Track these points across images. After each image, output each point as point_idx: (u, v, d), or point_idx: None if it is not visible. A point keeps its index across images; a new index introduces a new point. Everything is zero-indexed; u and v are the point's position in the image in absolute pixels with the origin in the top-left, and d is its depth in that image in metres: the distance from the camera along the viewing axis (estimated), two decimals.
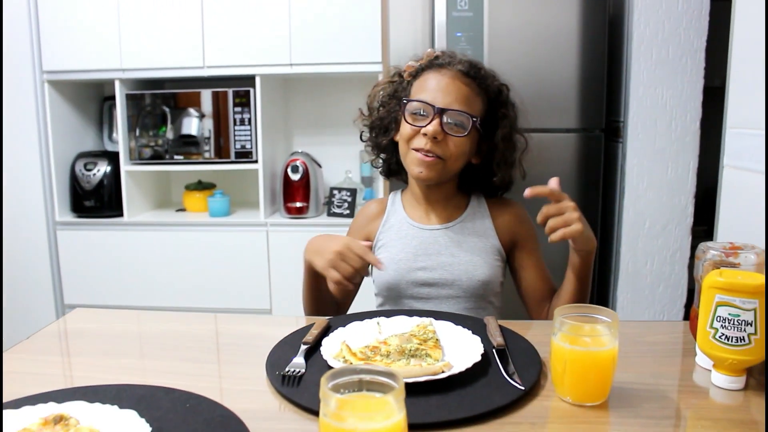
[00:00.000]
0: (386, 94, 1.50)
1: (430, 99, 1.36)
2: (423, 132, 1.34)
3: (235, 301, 3.00)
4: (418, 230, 1.47)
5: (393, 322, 1.13)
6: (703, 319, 0.91)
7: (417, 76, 1.45)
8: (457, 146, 1.36)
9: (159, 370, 1.05)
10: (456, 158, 1.38)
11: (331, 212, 3.02)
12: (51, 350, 1.16)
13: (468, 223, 1.47)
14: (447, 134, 1.34)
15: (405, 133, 1.39)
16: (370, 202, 1.59)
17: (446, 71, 1.39)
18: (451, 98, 1.35)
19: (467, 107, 1.36)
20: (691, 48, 2.45)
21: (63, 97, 3.07)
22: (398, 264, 1.43)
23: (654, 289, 2.63)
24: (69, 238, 3.07)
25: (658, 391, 0.93)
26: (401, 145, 1.42)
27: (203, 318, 1.34)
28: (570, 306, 0.90)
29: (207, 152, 3.00)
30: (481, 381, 0.92)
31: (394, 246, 1.47)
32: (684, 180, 2.54)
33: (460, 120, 1.36)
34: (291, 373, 0.94)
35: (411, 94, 1.43)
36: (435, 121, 1.33)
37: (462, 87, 1.37)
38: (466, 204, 1.51)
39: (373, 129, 1.53)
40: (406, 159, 1.41)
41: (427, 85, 1.39)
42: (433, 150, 1.35)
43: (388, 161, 1.55)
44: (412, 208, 1.51)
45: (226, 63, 2.89)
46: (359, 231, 1.55)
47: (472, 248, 1.43)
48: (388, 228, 1.50)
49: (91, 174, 3.07)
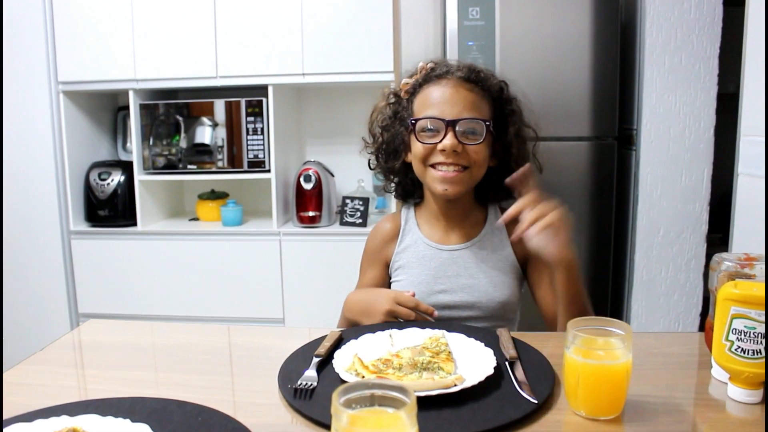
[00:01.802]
0: (386, 117, 1.46)
1: (438, 113, 1.33)
2: (440, 148, 1.31)
3: (247, 311, 3.00)
4: (436, 251, 1.44)
5: (405, 334, 1.13)
6: (718, 331, 0.90)
7: (415, 92, 1.41)
8: (477, 153, 1.33)
9: (172, 382, 1.05)
10: (480, 165, 1.35)
11: (344, 221, 3.02)
12: (64, 362, 1.16)
13: (486, 241, 1.44)
14: (464, 144, 1.31)
15: (419, 153, 1.35)
16: (382, 221, 1.54)
17: (447, 81, 1.36)
18: (459, 108, 1.32)
19: (477, 113, 1.34)
20: (705, 55, 2.44)
21: (77, 107, 3.10)
22: (418, 287, 1.39)
23: (669, 297, 2.61)
24: (83, 248, 3.08)
25: (673, 404, 0.92)
26: (416, 164, 1.39)
27: (216, 330, 1.33)
28: (583, 319, 0.90)
29: (220, 161, 3.01)
30: (493, 394, 0.91)
31: (412, 268, 1.43)
32: (698, 187, 2.52)
33: (474, 127, 1.33)
34: (303, 386, 0.94)
35: (414, 111, 1.39)
36: (449, 135, 1.30)
37: (467, 94, 1.34)
38: (484, 219, 1.47)
39: (380, 155, 1.49)
40: (426, 178, 1.38)
41: (431, 99, 1.36)
42: (457, 161, 1.32)
43: (402, 184, 1.52)
44: (430, 227, 1.48)
45: (239, 73, 2.90)
46: (376, 256, 1.51)
47: (491, 268, 1.41)
48: (404, 249, 1.47)
49: (105, 183, 3.08)
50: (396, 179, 1.52)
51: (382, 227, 1.52)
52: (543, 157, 1.48)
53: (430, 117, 1.33)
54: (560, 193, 2.47)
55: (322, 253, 2.94)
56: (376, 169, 1.53)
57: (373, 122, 1.50)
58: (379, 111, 1.49)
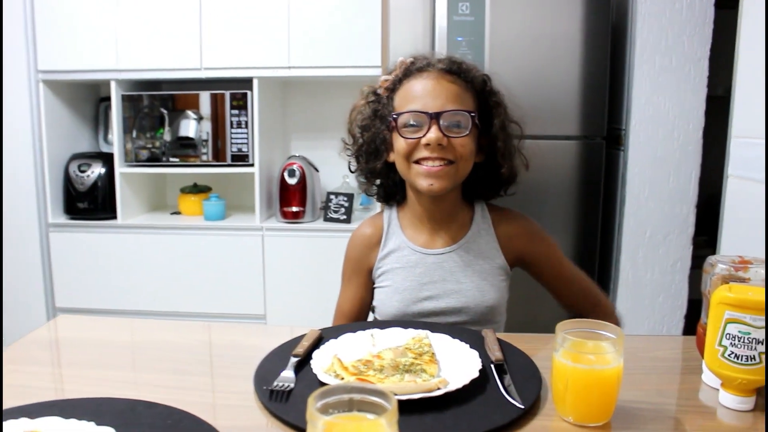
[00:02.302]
0: (366, 116, 1.39)
1: (420, 106, 1.27)
2: (425, 142, 1.25)
3: (229, 306, 2.96)
4: (422, 256, 1.37)
5: (387, 334, 1.09)
6: (711, 336, 0.87)
7: (395, 89, 1.35)
8: (463, 146, 1.27)
9: (145, 382, 1.00)
10: (466, 159, 1.29)
11: (328, 217, 2.98)
12: (32, 359, 1.11)
13: (473, 243, 1.38)
14: (449, 137, 1.26)
15: (402, 149, 1.29)
16: (362, 226, 1.47)
17: (428, 74, 1.30)
18: (442, 100, 1.26)
19: (461, 104, 1.28)
20: (695, 56, 2.42)
21: (58, 97, 3.04)
22: (403, 294, 1.35)
23: (654, 299, 2.59)
24: (61, 240, 3.03)
25: (663, 410, 0.89)
26: (400, 162, 1.32)
27: (197, 327, 1.29)
28: (572, 321, 0.86)
29: (205, 155, 2.96)
30: (478, 398, 0.88)
31: (397, 274, 1.37)
32: (686, 189, 2.50)
33: (458, 120, 1.27)
34: (279, 388, 0.90)
35: (396, 107, 1.33)
36: (434, 128, 1.24)
37: (449, 86, 1.28)
38: (470, 220, 1.41)
39: (361, 156, 1.42)
40: (410, 175, 1.31)
41: (413, 93, 1.30)
42: (443, 155, 1.26)
43: (383, 185, 1.45)
44: (414, 230, 1.41)
45: (224, 65, 2.85)
46: (358, 263, 1.44)
47: (478, 271, 1.36)
48: (387, 254, 1.40)
49: (85, 175, 3.03)
50: (378, 181, 1.45)
51: (364, 232, 1.45)
52: (529, 153, 1.44)
53: (413, 111, 1.27)
54: (547, 192, 2.49)
55: (305, 249, 2.90)
56: (356, 171, 1.46)
57: (353, 122, 1.43)
58: (358, 110, 1.42)
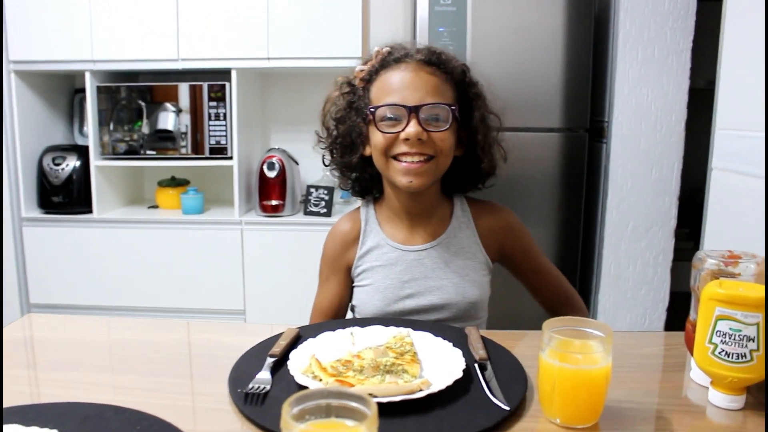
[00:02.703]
0: (341, 108, 1.34)
1: (399, 99, 1.21)
2: (404, 137, 1.20)
3: (208, 302, 2.91)
4: (402, 253, 1.33)
5: (367, 332, 1.05)
6: (701, 333, 0.85)
7: (372, 79, 1.29)
8: (443, 141, 1.23)
9: (118, 384, 0.96)
10: (446, 154, 1.25)
11: (308, 211, 2.94)
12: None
13: (453, 238, 1.34)
14: (428, 132, 1.21)
15: (380, 144, 1.24)
16: (340, 222, 1.42)
17: (406, 65, 1.25)
18: (421, 92, 1.21)
19: (441, 97, 1.23)
20: (677, 48, 2.41)
21: (31, 88, 2.96)
22: (384, 293, 1.31)
23: (636, 292, 2.59)
24: (35, 235, 2.96)
25: (652, 410, 0.86)
26: (377, 157, 1.27)
27: (174, 326, 1.24)
28: (559, 319, 0.83)
29: (184, 148, 2.90)
30: (462, 400, 0.84)
31: (377, 273, 1.33)
32: (668, 181, 2.49)
33: (438, 113, 1.22)
34: (254, 390, 0.86)
35: (372, 100, 1.28)
36: (413, 122, 1.20)
37: (429, 77, 1.23)
38: (449, 214, 1.37)
39: (336, 149, 1.37)
40: (389, 171, 1.26)
41: (390, 85, 1.24)
42: (422, 150, 1.22)
43: (360, 180, 1.40)
44: (393, 226, 1.37)
45: (202, 56, 2.79)
46: (336, 261, 1.39)
47: (460, 267, 1.32)
48: (366, 251, 1.36)
49: (59, 169, 2.96)
50: (353, 175, 1.40)
51: (341, 229, 1.41)
52: (510, 146, 1.40)
53: (391, 104, 1.22)
54: (530, 185, 2.47)
55: (285, 244, 2.85)
56: (331, 165, 1.42)
57: (327, 114, 1.37)
58: (332, 102, 1.36)
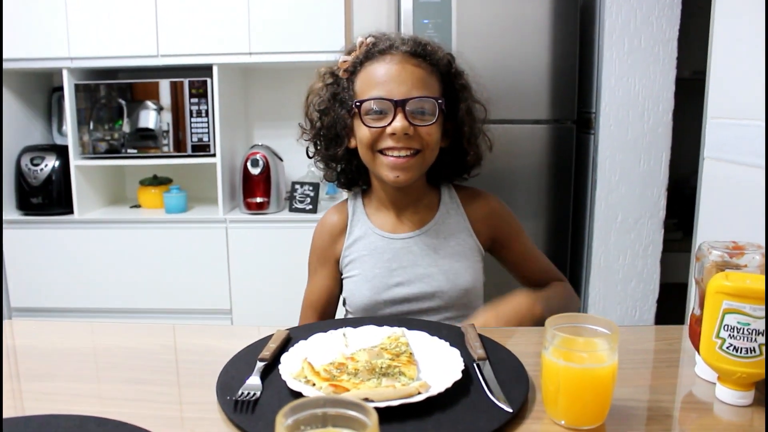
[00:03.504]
0: (324, 99, 1.31)
1: (385, 93, 1.20)
2: (390, 131, 1.19)
3: (193, 302, 2.87)
4: (389, 241, 1.32)
5: (360, 333, 1.02)
6: (708, 327, 0.82)
7: (356, 71, 1.28)
8: (430, 135, 1.22)
9: (100, 394, 0.91)
10: (432, 148, 1.25)
11: (293, 207, 2.90)
12: None
13: (442, 225, 1.33)
14: (415, 126, 1.20)
15: (366, 138, 1.23)
16: (328, 214, 1.41)
17: (391, 57, 1.23)
18: (407, 86, 1.20)
19: (428, 91, 1.22)
20: (664, 37, 2.39)
21: (7, 87, 2.91)
22: (372, 282, 1.28)
23: (626, 284, 2.58)
24: (15, 237, 2.90)
25: (658, 408, 0.83)
26: (363, 151, 1.26)
27: (159, 330, 1.19)
28: (562, 316, 0.80)
29: (166, 146, 2.85)
30: (462, 402, 0.81)
31: (365, 262, 1.31)
32: (656, 172, 2.48)
33: (424, 107, 1.21)
34: (244, 397, 0.82)
35: (357, 92, 1.26)
36: (399, 116, 1.19)
37: (415, 70, 1.22)
38: (437, 202, 1.36)
39: (320, 141, 1.35)
40: (375, 165, 1.26)
41: (375, 78, 1.23)
42: (409, 145, 1.21)
43: (345, 172, 1.39)
44: (379, 216, 1.36)
45: (182, 51, 2.75)
46: (325, 253, 1.38)
47: (450, 253, 1.30)
48: (354, 241, 1.34)
49: (38, 169, 2.90)
50: (338, 167, 1.39)
51: (329, 221, 1.40)
52: (495, 137, 1.38)
53: (376, 98, 1.21)
54: (518, 177, 2.45)
55: (270, 241, 2.81)
56: (315, 157, 1.39)
57: (310, 106, 1.35)
58: (315, 93, 1.34)
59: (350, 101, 1.26)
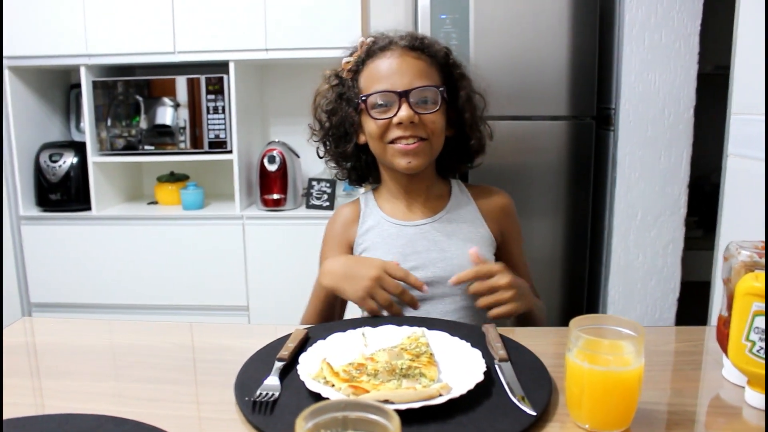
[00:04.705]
0: (331, 100, 1.38)
1: (388, 85, 1.26)
2: (396, 121, 1.25)
3: (210, 298, 2.87)
4: (400, 228, 1.35)
5: (380, 332, 1.01)
6: (737, 330, 0.80)
7: (359, 70, 1.34)
8: (434, 122, 1.28)
9: (117, 393, 0.91)
10: (438, 135, 1.30)
11: (310, 204, 2.89)
12: None
13: (454, 214, 1.36)
14: (419, 114, 1.25)
15: (374, 131, 1.29)
16: (340, 208, 1.47)
17: (391, 52, 1.29)
18: (409, 77, 1.26)
19: (429, 80, 1.28)
20: (685, 32, 2.35)
21: (25, 84, 2.91)
22: None
23: (646, 282, 2.54)
24: (34, 234, 2.92)
25: (684, 412, 0.81)
26: (374, 144, 1.32)
27: (177, 329, 1.18)
28: (587, 317, 0.78)
29: (183, 143, 2.85)
30: (484, 404, 0.79)
31: (377, 249, 1.34)
32: (677, 169, 2.44)
33: (427, 96, 1.27)
34: (263, 398, 0.81)
35: (362, 89, 1.32)
36: (404, 106, 1.24)
37: (414, 62, 1.28)
38: (448, 193, 1.41)
39: (329, 141, 1.41)
40: (387, 155, 1.31)
41: (378, 73, 1.29)
42: (416, 133, 1.26)
43: (356, 168, 1.44)
44: (392, 206, 1.40)
45: (198, 48, 2.74)
46: (338, 241, 1.41)
47: (463, 239, 1.32)
48: (366, 230, 1.37)
49: (56, 166, 2.91)
50: (348, 164, 1.44)
51: (341, 212, 1.45)
52: (513, 134, 1.41)
53: (380, 91, 1.27)
54: (536, 174, 2.42)
55: (287, 238, 2.81)
56: (325, 157, 1.45)
57: (318, 107, 1.41)
58: (322, 95, 1.40)
59: (356, 99, 1.32)
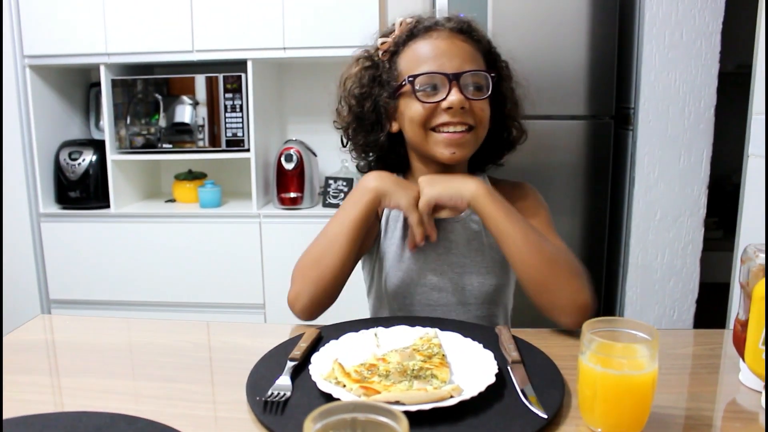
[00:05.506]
0: (364, 84, 1.26)
1: (437, 67, 1.17)
2: (446, 105, 1.16)
3: (227, 296, 2.88)
4: None
5: (392, 333, 1.00)
6: (754, 334, 0.78)
7: (398, 51, 1.24)
8: (483, 110, 1.20)
9: (135, 391, 0.91)
10: (484, 125, 1.22)
11: (327, 203, 2.90)
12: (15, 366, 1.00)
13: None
14: (470, 100, 1.17)
15: (418, 115, 1.19)
16: None
17: (438, 33, 1.20)
18: (459, 60, 1.17)
19: (477, 66, 1.20)
20: (706, 30, 2.33)
21: (46, 83, 2.93)
22: (407, 263, 1.26)
23: (665, 283, 2.52)
24: (54, 231, 2.94)
25: (700, 417, 0.80)
26: (414, 130, 1.21)
27: (194, 327, 1.18)
28: (600, 320, 0.77)
29: (201, 140, 2.87)
30: (495, 407, 0.79)
31: (402, 244, 1.28)
32: (697, 169, 2.41)
33: (478, 81, 1.19)
34: (274, 398, 0.81)
35: (402, 71, 1.22)
36: (454, 90, 1.15)
37: (464, 45, 1.20)
38: None
39: (359, 128, 1.30)
40: (428, 144, 1.21)
41: (424, 54, 1.19)
42: (464, 120, 1.17)
43: (383, 159, 1.34)
44: None
45: (217, 47, 2.75)
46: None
47: (484, 245, 1.26)
48: (387, 222, 1.32)
49: (76, 163, 2.93)
50: (375, 155, 1.34)
51: None
52: (533, 133, 1.35)
53: (431, 72, 1.17)
54: (555, 173, 2.40)
55: (304, 236, 2.75)
56: (349, 146, 1.35)
57: (348, 92, 1.29)
58: (353, 78, 1.28)
59: (393, 82, 1.23)
